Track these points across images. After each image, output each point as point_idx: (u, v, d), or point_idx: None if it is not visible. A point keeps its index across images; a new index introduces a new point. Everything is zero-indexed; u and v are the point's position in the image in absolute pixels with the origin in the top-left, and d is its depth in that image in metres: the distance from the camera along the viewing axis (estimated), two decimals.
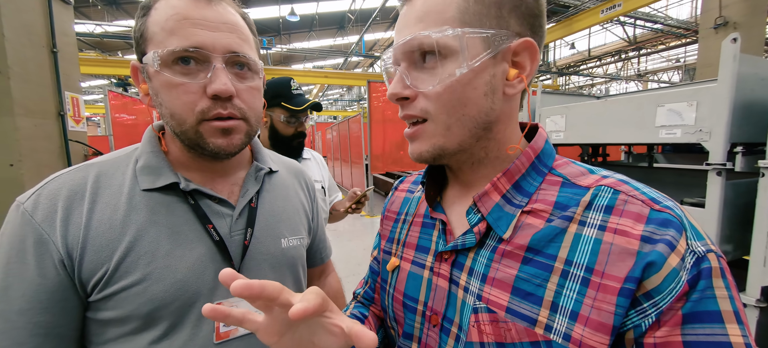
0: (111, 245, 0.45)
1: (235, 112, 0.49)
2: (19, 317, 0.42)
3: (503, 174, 0.39)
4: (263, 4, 10.43)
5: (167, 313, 0.47)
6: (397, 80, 0.39)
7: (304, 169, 0.75)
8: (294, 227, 0.63)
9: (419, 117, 0.39)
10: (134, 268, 0.46)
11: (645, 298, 0.31)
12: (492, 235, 0.39)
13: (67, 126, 2.44)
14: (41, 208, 0.44)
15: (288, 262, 0.60)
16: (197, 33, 0.45)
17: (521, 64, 0.37)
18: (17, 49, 2.07)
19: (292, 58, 16.19)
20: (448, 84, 0.36)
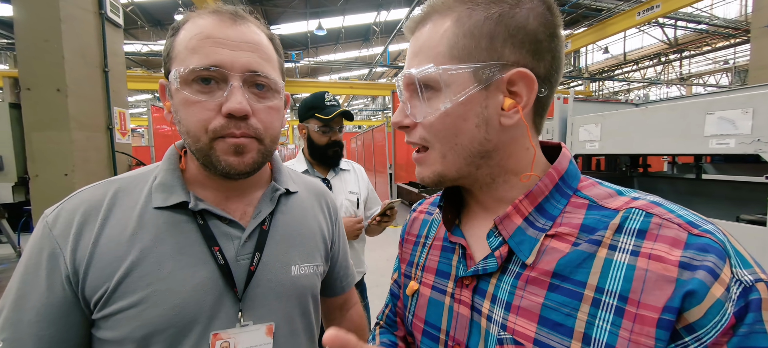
0: (114, 264, 0.45)
1: (249, 132, 0.47)
2: (28, 328, 0.43)
3: (525, 196, 0.38)
4: (292, 20, 10.88)
5: (161, 339, 0.45)
6: (399, 110, 0.42)
7: (326, 191, 0.70)
8: (308, 253, 0.59)
9: (420, 144, 0.41)
10: (133, 290, 0.45)
11: (687, 332, 0.28)
12: (514, 260, 0.38)
13: (115, 138, 2.64)
14: (60, 223, 0.45)
15: (297, 292, 0.55)
16: (217, 52, 0.45)
17: (517, 94, 0.36)
18: (74, 69, 2.28)
19: (319, 70, 16.70)
20: (437, 116, 0.38)
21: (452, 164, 0.39)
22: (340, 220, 0.71)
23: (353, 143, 10.72)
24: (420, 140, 0.40)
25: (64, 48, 2.20)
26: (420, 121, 0.39)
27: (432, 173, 0.41)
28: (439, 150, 0.39)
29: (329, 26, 10.88)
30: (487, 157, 0.39)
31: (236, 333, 0.49)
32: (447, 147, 0.39)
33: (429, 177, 0.41)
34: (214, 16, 0.47)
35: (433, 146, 0.40)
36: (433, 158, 0.40)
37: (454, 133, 0.38)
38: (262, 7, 9.59)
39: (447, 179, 0.41)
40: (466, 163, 0.39)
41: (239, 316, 0.49)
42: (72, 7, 2.28)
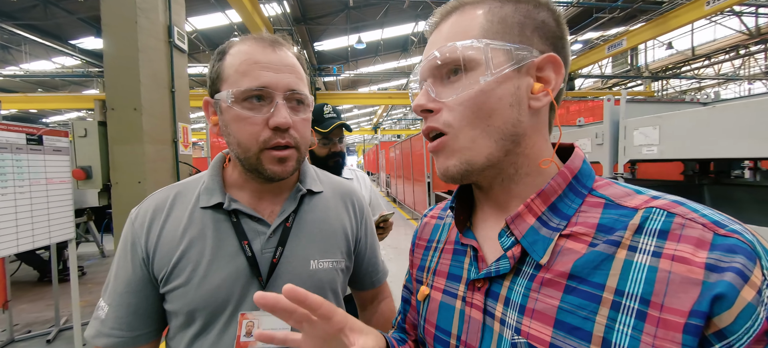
0: (171, 251, 0.55)
1: (291, 141, 0.55)
2: (120, 297, 0.56)
3: (537, 195, 0.37)
4: (334, 36, 11.40)
5: (201, 316, 0.55)
6: (422, 93, 0.40)
7: (355, 191, 0.74)
8: (327, 249, 0.63)
9: (441, 130, 0.38)
10: (182, 273, 0.55)
11: (717, 338, 0.26)
12: (528, 261, 0.37)
13: (179, 150, 2.96)
14: (138, 219, 0.58)
15: (315, 284, 0.60)
16: (264, 74, 0.53)
17: (546, 79, 0.37)
18: (148, 90, 2.63)
19: (359, 82, 17.21)
20: (472, 93, 0.36)
21: (483, 148, 0.37)
22: (368, 219, 0.74)
23: (392, 152, 10.81)
24: (442, 125, 0.38)
25: (140, 73, 2.54)
26: (446, 103, 0.38)
27: (459, 161, 0.38)
28: (468, 134, 0.37)
29: (368, 39, 11.21)
30: (517, 141, 0.37)
31: (260, 315, 0.56)
32: (478, 129, 0.36)
33: (455, 166, 0.38)
34: (256, 43, 0.55)
35: (459, 131, 0.37)
36: (460, 144, 0.37)
37: (489, 113, 0.36)
38: (306, 26, 10.19)
39: (475, 169, 0.38)
40: (497, 146, 0.36)
41: None
42: (147, 38, 2.63)
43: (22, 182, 1.79)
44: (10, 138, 1.74)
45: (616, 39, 8.71)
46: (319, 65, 13.47)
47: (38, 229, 1.88)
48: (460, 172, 0.38)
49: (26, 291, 3.63)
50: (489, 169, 0.38)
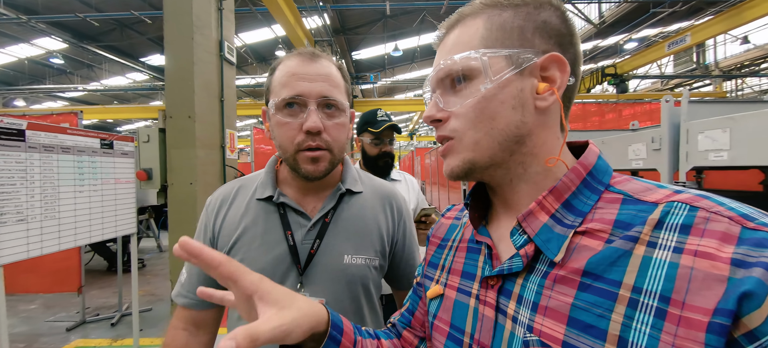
0: (230, 234, 0.64)
1: (322, 144, 0.60)
2: (196, 272, 0.66)
3: (549, 192, 0.37)
4: (372, 45, 11.65)
5: None
6: (431, 105, 0.42)
7: (396, 193, 0.77)
8: (361, 246, 0.67)
9: (449, 136, 0.40)
10: (237, 254, 0.63)
11: (747, 340, 0.24)
12: (542, 259, 0.36)
13: (226, 155, 3.19)
14: (210, 205, 0.69)
15: (347, 278, 0.64)
16: (300, 84, 0.60)
17: (551, 78, 0.38)
18: (201, 100, 2.87)
19: (396, 89, 17.36)
20: (474, 101, 0.38)
21: (486, 150, 0.38)
22: (407, 222, 0.76)
23: (427, 159, 10.72)
24: (450, 132, 0.40)
25: (194, 84, 2.79)
26: (453, 111, 0.40)
27: (462, 161, 0.40)
28: (472, 137, 0.38)
29: (405, 47, 11.30)
30: (521, 141, 0.38)
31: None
32: (482, 132, 0.38)
33: (458, 166, 0.40)
34: (298, 57, 0.63)
35: (464, 135, 0.39)
36: (464, 146, 0.39)
37: (491, 117, 0.37)
38: (344, 37, 10.53)
39: (477, 167, 0.39)
40: (501, 147, 0.38)
41: (299, 287, 0.62)
42: (201, 52, 2.89)
43: (95, 181, 2.04)
44: (88, 143, 1.99)
45: (678, 35, 7.90)
46: (356, 73, 13.81)
47: (107, 223, 2.13)
48: (463, 170, 0.40)
49: (97, 279, 4.10)
50: (493, 169, 0.39)
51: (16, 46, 10.24)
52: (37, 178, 1.68)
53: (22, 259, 1.60)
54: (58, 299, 3.36)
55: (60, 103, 14.36)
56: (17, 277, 2.89)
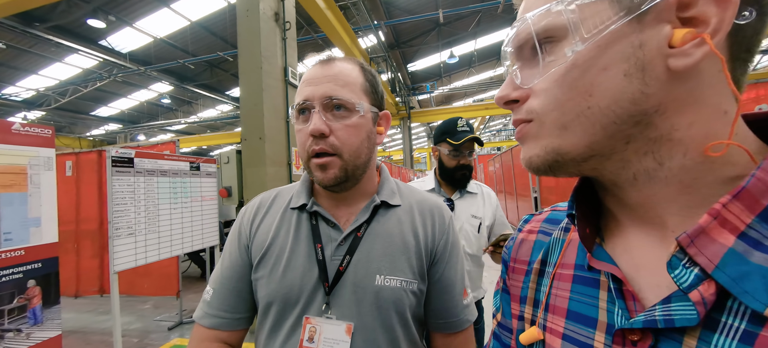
0: (262, 243, 0.61)
1: (327, 148, 0.55)
2: (226, 280, 0.62)
3: (734, 196, 0.23)
4: (426, 55, 11.64)
5: (276, 310, 0.57)
6: (506, 83, 0.32)
7: (441, 206, 0.67)
8: (396, 266, 0.58)
9: (526, 119, 0.31)
10: (265, 265, 0.59)
11: None
12: (733, 307, 0.22)
13: (292, 171, 3.43)
14: (247, 211, 0.66)
15: (379, 302, 0.56)
16: (306, 89, 0.57)
17: (698, 19, 0.24)
18: (269, 122, 3.15)
19: (453, 96, 16.99)
20: (560, 71, 0.27)
21: (580, 136, 0.27)
22: (451, 240, 0.64)
23: (491, 166, 10.14)
24: (525, 114, 0.30)
25: (263, 108, 3.08)
26: (532, 88, 0.30)
27: (543, 150, 0.29)
28: (557, 120, 0.28)
29: (461, 53, 11.02)
30: (645, 123, 0.26)
31: (322, 322, 0.55)
32: (571, 114, 0.27)
33: (539, 155, 0.29)
34: (314, 65, 0.60)
35: (545, 117, 0.29)
36: (545, 130, 0.29)
37: (585, 91, 0.26)
38: (399, 50, 10.72)
39: (568, 159, 0.28)
40: (606, 133, 0.26)
41: (324, 308, 0.56)
42: (269, 79, 3.19)
43: (186, 198, 2.35)
44: (180, 166, 2.31)
45: None
46: (412, 85, 13.89)
47: (196, 235, 2.42)
48: (545, 162, 0.29)
49: (193, 284, 4.72)
50: (598, 161, 0.28)
51: (138, 92, 12.78)
52: (142, 198, 1.99)
53: (130, 267, 1.89)
54: (164, 301, 3.95)
55: (169, 135, 17.32)
56: (135, 281, 3.48)
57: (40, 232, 1.43)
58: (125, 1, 7.21)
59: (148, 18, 7.78)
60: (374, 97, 0.61)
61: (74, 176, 3.60)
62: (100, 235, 3.48)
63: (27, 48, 8.51)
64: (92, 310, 3.81)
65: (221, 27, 8.43)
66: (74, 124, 15.34)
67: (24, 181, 1.39)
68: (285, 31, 3.44)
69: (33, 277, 1.41)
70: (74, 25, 7.60)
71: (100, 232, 3.47)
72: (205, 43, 9.14)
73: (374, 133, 0.61)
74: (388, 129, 0.66)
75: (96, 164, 3.57)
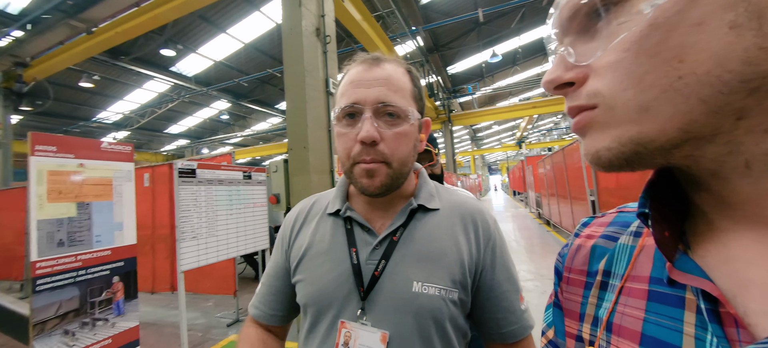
0: (300, 248, 0.62)
1: (377, 157, 0.53)
2: (269, 279, 0.67)
3: None
4: (467, 56, 11.37)
5: (312, 312, 0.58)
6: (556, 63, 0.26)
7: (482, 211, 0.63)
8: (434, 273, 0.55)
9: (587, 105, 0.25)
10: (302, 270, 0.61)
11: None
12: None
13: (334, 178, 3.56)
14: (289, 218, 0.69)
15: (415, 311, 0.54)
16: (356, 92, 0.54)
17: None
18: (313, 131, 3.32)
19: (497, 96, 16.32)
20: (630, 38, 0.22)
21: (668, 119, 0.21)
22: (497, 247, 0.61)
23: (541, 168, 9.52)
24: (589, 98, 0.24)
25: (307, 118, 3.25)
26: (592, 64, 0.24)
27: (617, 141, 0.23)
28: (632, 100, 0.22)
29: (504, 51, 10.58)
30: (765, 90, 0.19)
31: (357, 328, 0.54)
32: (655, 89, 0.21)
33: (611, 149, 0.24)
34: (360, 64, 0.57)
35: (616, 97, 0.23)
36: (619, 115, 0.23)
37: (673, 57, 0.20)
38: (438, 54, 10.62)
39: (652, 150, 0.22)
40: (707, 109, 0.20)
41: (359, 313, 0.55)
42: (312, 91, 3.36)
43: (240, 205, 2.55)
44: (235, 176, 2.53)
45: None
46: (453, 87, 13.64)
47: (248, 239, 2.62)
48: (621, 157, 0.23)
49: (248, 285, 5.09)
50: (695, 146, 0.22)
51: (201, 110, 14.26)
52: (203, 205, 2.21)
53: (194, 267, 2.10)
54: (223, 300, 4.31)
55: (228, 147, 19.01)
56: (200, 280, 3.85)
57: (122, 235, 1.67)
58: (191, 31, 8.13)
59: (209, 44, 8.68)
60: (420, 103, 0.60)
61: (151, 187, 4.12)
62: (171, 239, 3.92)
63: (115, 78, 9.99)
64: (165, 305, 4.28)
65: (270, 46, 9.09)
66: (151, 141, 17.57)
67: (110, 192, 1.63)
68: (325, 45, 3.61)
69: (117, 274, 1.64)
70: (150, 56, 8.74)
71: (170, 236, 3.91)
72: (257, 62, 9.92)
73: (418, 140, 0.60)
74: (428, 135, 0.64)
75: (167, 176, 4.05)
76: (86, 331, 1.51)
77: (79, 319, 1.49)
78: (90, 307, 1.52)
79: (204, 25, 7.88)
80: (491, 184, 43.25)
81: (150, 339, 3.23)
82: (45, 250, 1.39)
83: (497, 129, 26.14)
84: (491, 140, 34.23)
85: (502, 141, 33.74)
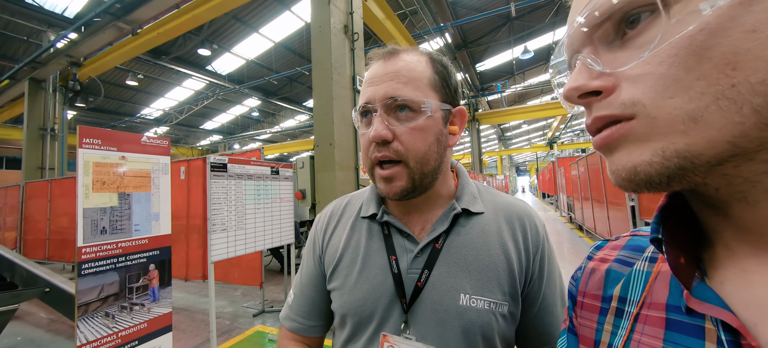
0: (335, 253, 0.58)
1: (391, 155, 0.49)
2: (303, 288, 0.63)
3: None
4: (497, 53, 11.02)
5: (351, 323, 0.54)
6: (578, 70, 0.25)
7: (530, 213, 0.58)
8: (484, 285, 0.51)
9: (621, 117, 0.23)
10: (338, 277, 0.57)
11: None
12: None
13: (359, 175, 3.57)
14: (319, 221, 0.65)
15: (463, 325, 0.49)
16: (367, 90, 0.51)
17: None
18: (339, 129, 3.33)
19: (528, 94, 15.72)
20: (679, 43, 0.20)
21: (719, 130, 0.20)
22: (551, 257, 0.56)
23: (573, 170, 9.04)
24: (623, 108, 0.22)
25: (334, 116, 3.27)
26: (625, 72, 0.23)
27: (659, 155, 0.21)
28: (679, 108, 0.20)
29: (536, 47, 10.15)
30: None
31: (401, 341, 0.51)
32: (706, 97, 0.20)
33: (653, 164, 0.22)
34: (376, 60, 0.54)
35: (659, 106, 0.21)
36: (661, 127, 0.21)
37: (726, 63, 0.19)
38: (467, 50, 10.36)
39: (698, 165, 0.21)
40: (759, 120, 0.19)
41: (402, 326, 0.51)
42: (339, 88, 3.38)
43: (268, 200, 2.61)
44: (263, 171, 2.58)
45: None
46: (482, 85, 13.28)
47: (275, 233, 2.67)
48: (665, 173, 0.21)
49: (273, 277, 5.24)
50: (736, 164, 0.20)
51: (234, 107, 14.87)
52: (233, 198, 2.28)
53: (222, 258, 2.17)
54: (250, 290, 4.46)
55: (257, 143, 19.73)
56: (229, 271, 4.00)
57: (158, 225, 1.75)
58: (225, 31, 8.47)
59: (242, 43, 9.01)
60: (445, 92, 0.53)
61: (186, 180, 4.34)
62: (204, 230, 4.11)
63: (157, 76, 10.64)
64: (197, 292, 4.50)
65: (299, 44, 9.28)
66: (188, 137, 18.59)
67: (148, 183, 1.72)
68: (353, 42, 3.61)
69: (153, 261, 1.72)
70: (188, 55, 9.21)
71: (203, 227, 4.09)
72: (286, 61, 10.18)
73: (445, 134, 0.53)
74: (464, 127, 0.57)
75: (201, 170, 4.24)
76: (124, 314, 1.60)
77: (118, 302, 1.58)
78: (128, 292, 1.61)
79: (237, 25, 8.18)
80: (519, 185, 41.87)
81: (182, 323, 3.40)
82: (89, 237, 1.48)
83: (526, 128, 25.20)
84: (520, 140, 33.07)
85: (531, 141, 32.50)
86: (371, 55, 0.56)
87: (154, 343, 1.71)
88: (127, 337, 1.60)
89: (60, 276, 3.04)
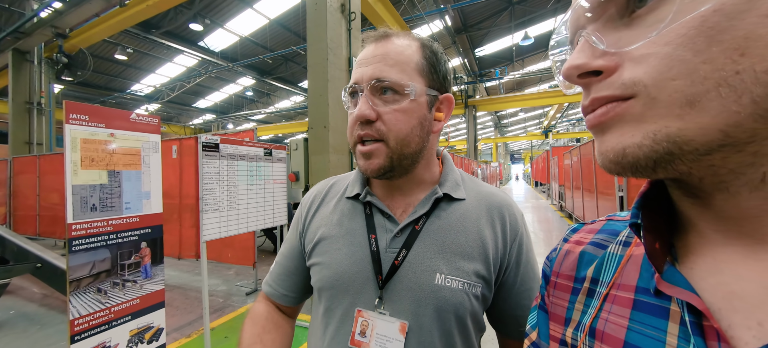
0: (316, 231, 0.61)
1: (373, 133, 0.51)
2: (283, 258, 0.67)
3: None
4: (497, 38, 10.87)
5: (326, 297, 0.57)
6: (580, 48, 0.24)
7: (510, 204, 0.60)
8: (458, 266, 0.53)
9: (621, 96, 0.22)
10: (317, 253, 0.59)
11: None
12: None
13: (354, 159, 3.56)
14: (305, 200, 0.67)
15: (436, 303, 0.52)
16: (356, 71, 0.54)
17: None
18: (333, 112, 3.30)
19: (526, 82, 15.63)
20: (690, 23, 0.19)
21: (713, 117, 0.19)
22: (524, 244, 0.58)
23: (567, 159, 9.13)
24: (623, 88, 0.22)
25: (328, 98, 3.23)
26: (629, 52, 0.22)
27: (650, 138, 0.21)
28: (679, 90, 0.20)
29: (537, 33, 10.02)
30: None
31: (375, 317, 0.53)
32: (707, 82, 0.19)
33: (642, 147, 0.21)
34: (370, 43, 0.55)
35: (661, 87, 0.20)
36: (658, 109, 0.21)
37: (735, 48, 0.18)
38: (467, 35, 10.20)
39: (687, 152, 0.21)
40: (755, 111, 0.19)
41: (377, 302, 0.53)
42: (334, 70, 3.32)
43: (260, 181, 2.60)
44: (256, 152, 2.56)
45: None
46: (480, 71, 13.15)
47: (268, 214, 2.68)
48: (652, 157, 0.21)
49: (267, 257, 5.29)
50: (725, 154, 0.20)
51: (227, 86, 14.56)
52: (225, 179, 2.26)
53: (216, 237, 2.18)
54: (244, 270, 4.51)
55: (251, 123, 19.46)
56: (222, 250, 4.02)
57: (149, 204, 1.74)
58: (218, 5, 8.19)
59: (236, 19, 8.74)
60: (433, 78, 0.54)
61: (178, 159, 4.29)
62: (196, 209, 4.10)
63: (147, 51, 10.32)
64: (191, 270, 4.54)
65: (295, 22, 9.03)
66: (181, 115, 18.24)
67: (138, 161, 1.70)
68: (350, 22, 3.52)
69: (144, 240, 1.72)
70: (180, 30, 8.92)
71: (196, 206, 4.08)
72: (282, 39, 9.92)
73: (429, 119, 0.55)
74: (450, 115, 0.59)
75: (194, 149, 4.19)
76: (117, 290, 1.61)
77: (111, 279, 1.59)
78: (120, 268, 1.62)
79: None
80: (513, 173, 42.15)
81: (176, 300, 3.44)
82: (79, 214, 1.47)
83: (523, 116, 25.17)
84: (516, 128, 33.10)
85: (527, 129, 32.54)
86: (364, 37, 0.56)
87: (147, 318, 1.73)
88: (119, 313, 1.62)
89: (51, 252, 3.03)
